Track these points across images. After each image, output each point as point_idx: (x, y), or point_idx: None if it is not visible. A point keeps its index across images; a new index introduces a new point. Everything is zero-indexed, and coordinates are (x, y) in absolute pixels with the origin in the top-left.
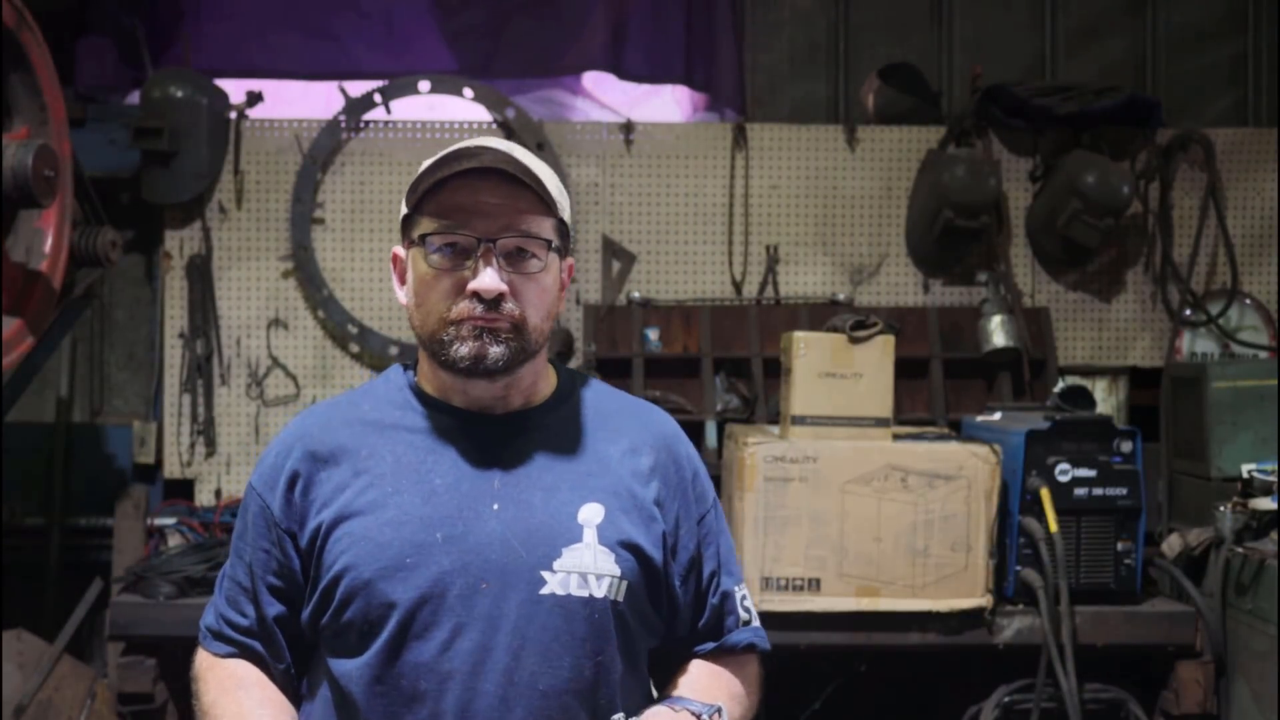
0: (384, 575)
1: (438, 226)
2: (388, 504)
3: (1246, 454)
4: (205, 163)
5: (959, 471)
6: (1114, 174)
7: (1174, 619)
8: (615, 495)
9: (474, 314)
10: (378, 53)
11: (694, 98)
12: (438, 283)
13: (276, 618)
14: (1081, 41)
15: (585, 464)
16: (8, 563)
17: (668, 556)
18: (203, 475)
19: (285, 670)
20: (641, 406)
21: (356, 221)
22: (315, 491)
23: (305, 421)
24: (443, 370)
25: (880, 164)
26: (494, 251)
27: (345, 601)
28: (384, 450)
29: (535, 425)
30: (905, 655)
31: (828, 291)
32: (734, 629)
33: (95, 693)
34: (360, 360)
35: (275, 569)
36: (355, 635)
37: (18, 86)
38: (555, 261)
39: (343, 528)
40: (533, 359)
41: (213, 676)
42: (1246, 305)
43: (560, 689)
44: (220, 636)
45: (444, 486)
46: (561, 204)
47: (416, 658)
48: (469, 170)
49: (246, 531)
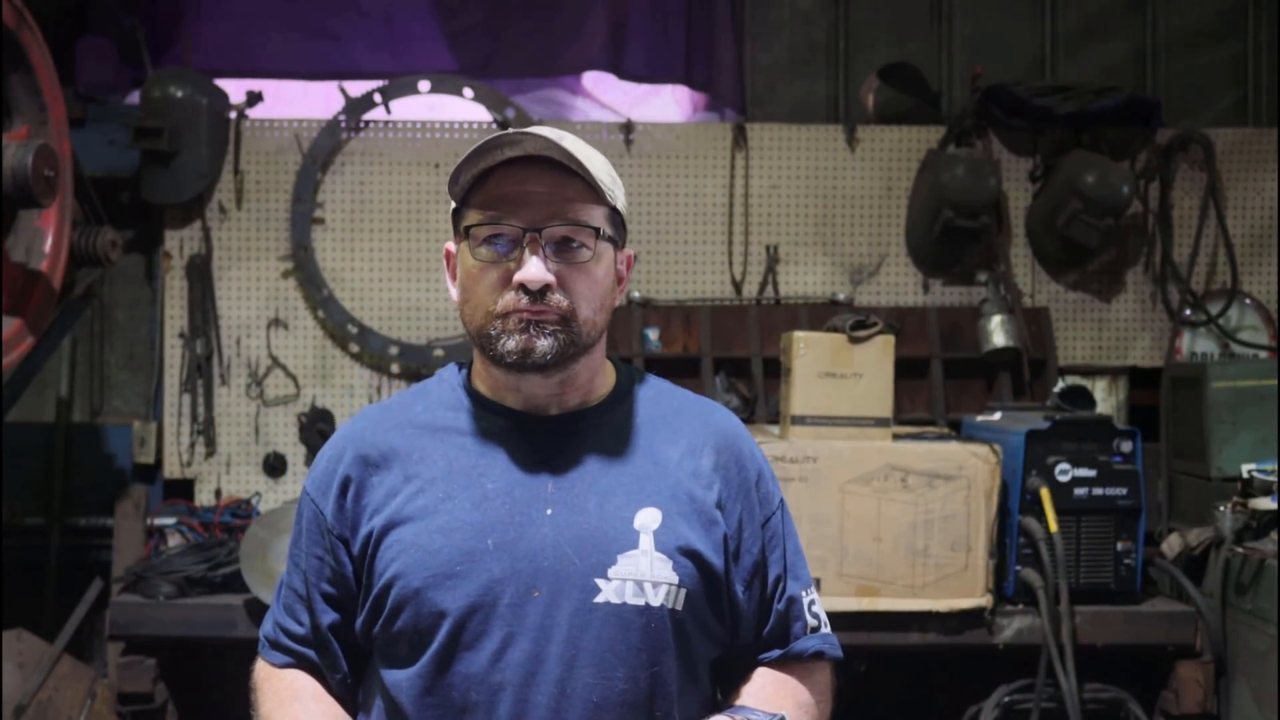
0: (434, 584)
1: (483, 218)
2: (439, 510)
3: (1246, 454)
4: (205, 163)
5: (959, 471)
6: (1114, 174)
7: (1174, 619)
8: (674, 499)
9: (519, 306)
10: (378, 53)
11: (694, 98)
12: (484, 276)
13: (331, 626)
14: (1081, 41)
15: (642, 466)
16: (8, 563)
17: (729, 561)
18: (203, 475)
19: (341, 680)
20: (704, 405)
21: (356, 221)
22: (367, 497)
23: (357, 424)
24: (494, 367)
25: (880, 164)
26: (540, 241)
27: (396, 611)
28: (435, 454)
29: (591, 425)
30: (905, 655)
31: (828, 291)
32: (801, 635)
33: (95, 693)
34: (360, 360)
35: (329, 576)
36: (406, 645)
37: (18, 86)
38: (608, 251)
39: (393, 534)
40: (587, 354)
41: (269, 688)
42: (1246, 305)
43: (615, 701)
44: (277, 646)
45: (496, 491)
46: (613, 191)
47: (467, 669)
48: (515, 159)
49: (301, 538)
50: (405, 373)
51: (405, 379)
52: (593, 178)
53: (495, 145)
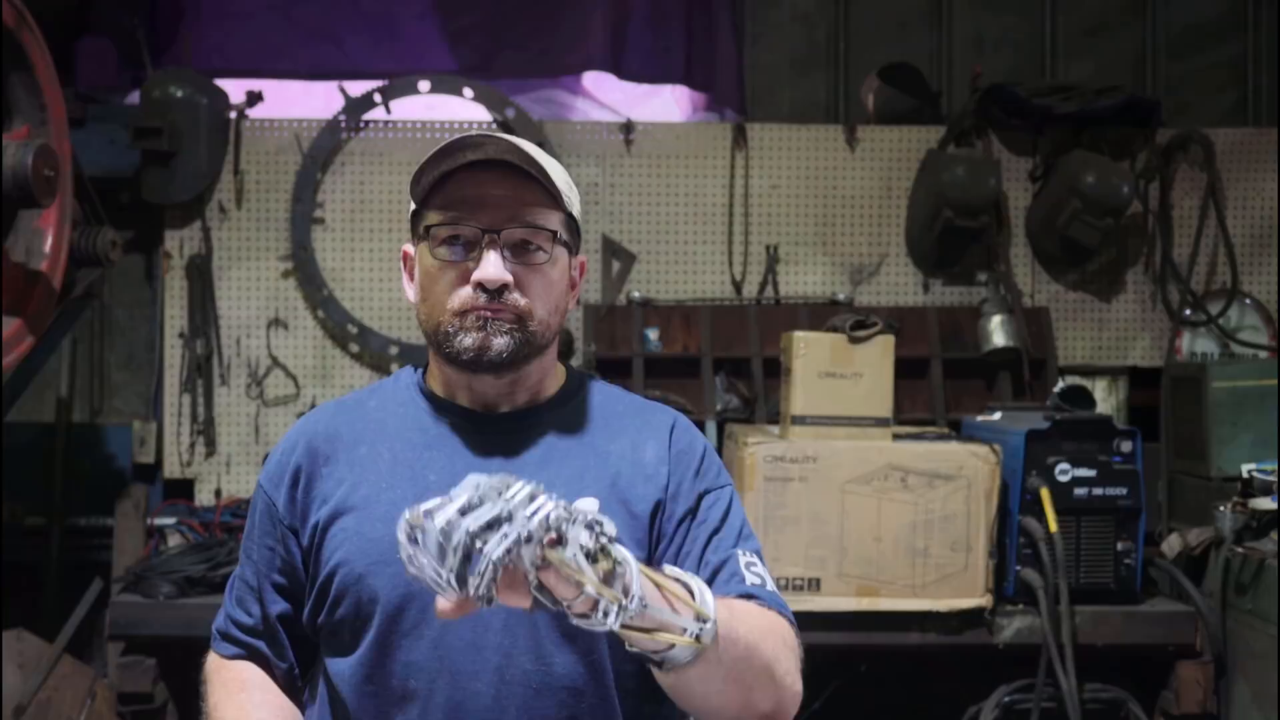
0: (373, 571)
1: (442, 219)
2: (380, 499)
3: (1246, 454)
4: (205, 163)
5: (959, 471)
6: (1114, 174)
7: (1174, 619)
8: (613, 489)
9: (477, 304)
10: (378, 53)
11: (694, 98)
12: (442, 275)
13: (280, 616)
14: (1081, 41)
15: (584, 459)
16: (8, 563)
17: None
18: (203, 475)
19: (288, 671)
20: (648, 405)
21: (356, 221)
22: (316, 488)
23: (311, 419)
24: (448, 365)
25: (880, 164)
26: (498, 242)
27: (339, 598)
28: (382, 447)
29: (536, 423)
30: (905, 655)
31: (828, 291)
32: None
33: (95, 693)
34: (360, 360)
35: (280, 566)
36: (348, 632)
37: (18, 86)
38: (563, 255)
39: (338, 524)
40: (540, 355)
41: (219, 678)
42: (1246, 305)
43: (554, 686)
44: (227, 637)
45: (439, 483)
46: (570, 198)
47: (407, 656)
48: (474, 163)
49: (254, 530)
50: None
51: None
52: (552, 183)
53: (458, 148)
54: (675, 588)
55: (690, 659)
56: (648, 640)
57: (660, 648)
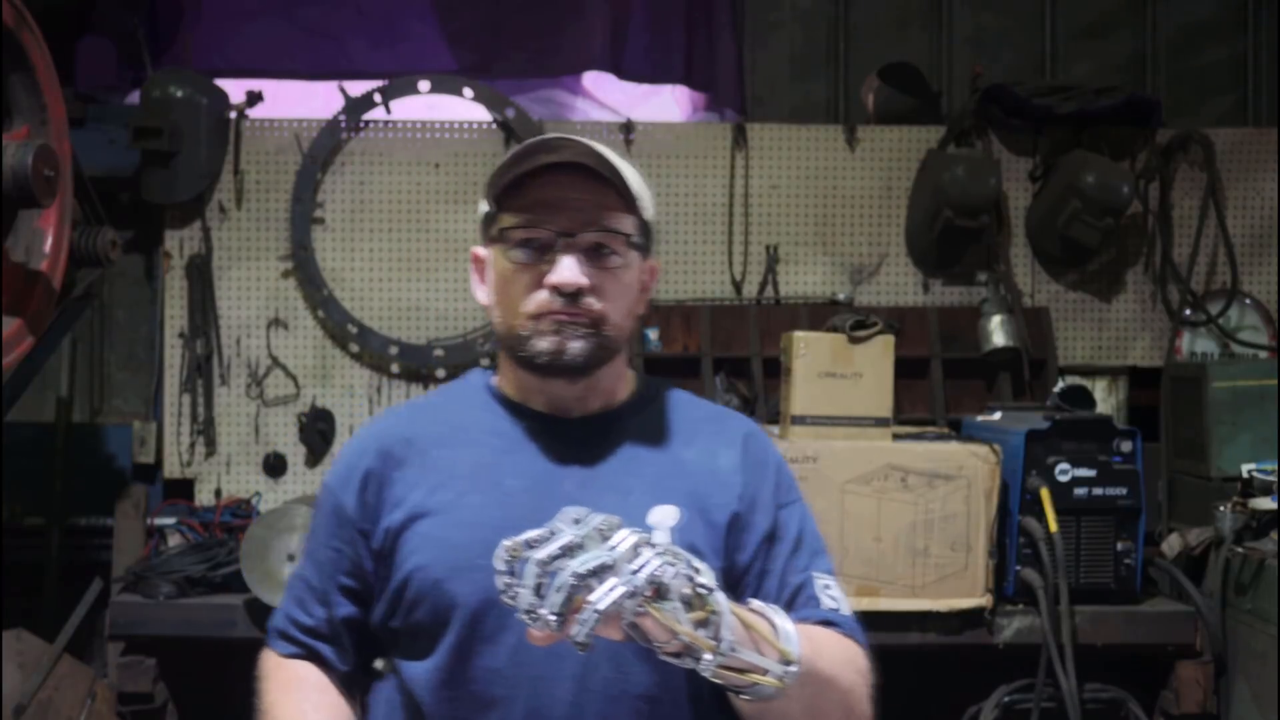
0: (453, 576)
1: (518, 221)
2: (460, 504)
3: (1246, 454)
4: (205, 163)
5: (959, 471)
6: (1114, 174)
7: (1174, 619)
8: (690, 496)
9: (553, 308)
10: (378, 53)
11: (694, 98)
12: (517, 278)
13: (346, 619)
14: (1081, 41)
15: (661, 466)
16: (8, 563)
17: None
18: (203, 475)
19: (349, 674)
20: (723, 413)
21: (356, 221)
22: (389, 491)
23: (382, 422)
24: (522, 369)
25: (880, 164)
26: (574, 246)
27: (415, 602)
28: (459, 451)
29: (613, 428)
30: (905, 655)
31: (828, 291)
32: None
33: (95, 693)
34: (360, 360)
35: (347, 569)
36: (425, 637)
37: (18, 86)
38: (636, 259)
39: (414, 527)
40: (612, 359)
41: (276, 677)
42: (1246, 305)
43: (632, 695)
44: (285, 636)
45: (517, 488)
46: (644, 202)
47: (487, 663)
48: (551, 165)
49: (319, 531)
50: (405, 373)
51: (405, 379)
52: (627, 187)
53: (535, 151)
54: (763, 627)
55: (772, 695)
56: (733, 678)
57: (745, 685)
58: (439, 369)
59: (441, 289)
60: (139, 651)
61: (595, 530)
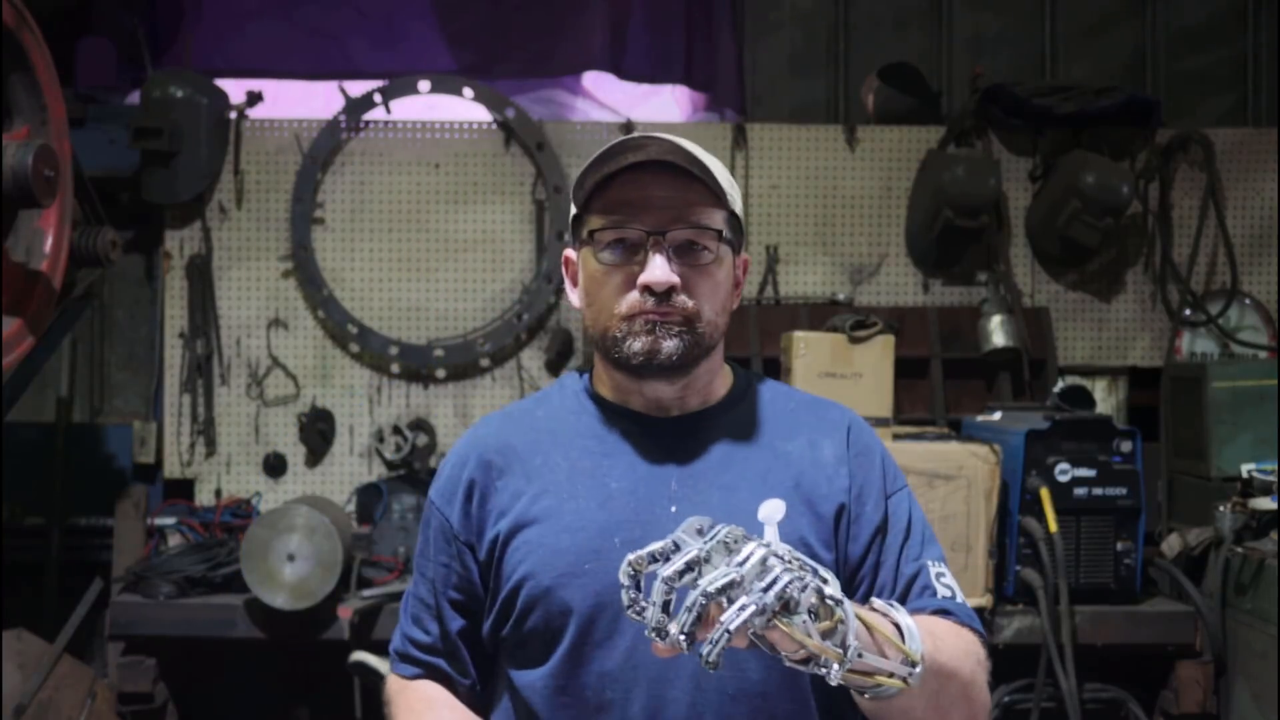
0: (563, 582)
1: (606, 222)
2: (564, 510)
3: (1246, 454)
4: (205, 163)
5: (959, 471)
6: (1114, 174)
7: (1174, 619)
8: (796, 489)
9: (645, 308)
10: (378, 53)
11: (694, 98)
12: (608, 279)
13: (460, 632)
14: (1081, 41)
15: (764, 460)
16: (8, 563)
17: (842, 549)
18: (203, 475)
19: (471, 686)
20: (820, 401)
21: (356, 221)
22: (492, 501)
23: (480, 431)
24: (617, 371)
25: (880, 164)
26: (664, 244)
27: (526, 610)
28: (558, 456)
29: (711, 424)
30: None
31: (828, 291)
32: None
33: (95, 693)
34: (360, 360)
35: (456, 583)
36: (538, 645)
37: (18, 86)
38: (728, 254)
39: (520, 536)
40: (708, 356)
41: (402, 700)
42: (1246, 305)
43: (749, 692)
44: (406, 658)
45: (620, 490)
46: (732, 196)
47: (601, 666)
48: (636, 164)
49: (428, 547)
50: (405, 373)
51: (405, 379)
52: (715, 181)
53: (620, 150)
54: (887, 629)
55: (895, 694)
56: (860, 681)
57: (869, 686)
58: (439, 369)
59: (441, 289)
60: (139, 651)
61: (720, 543)
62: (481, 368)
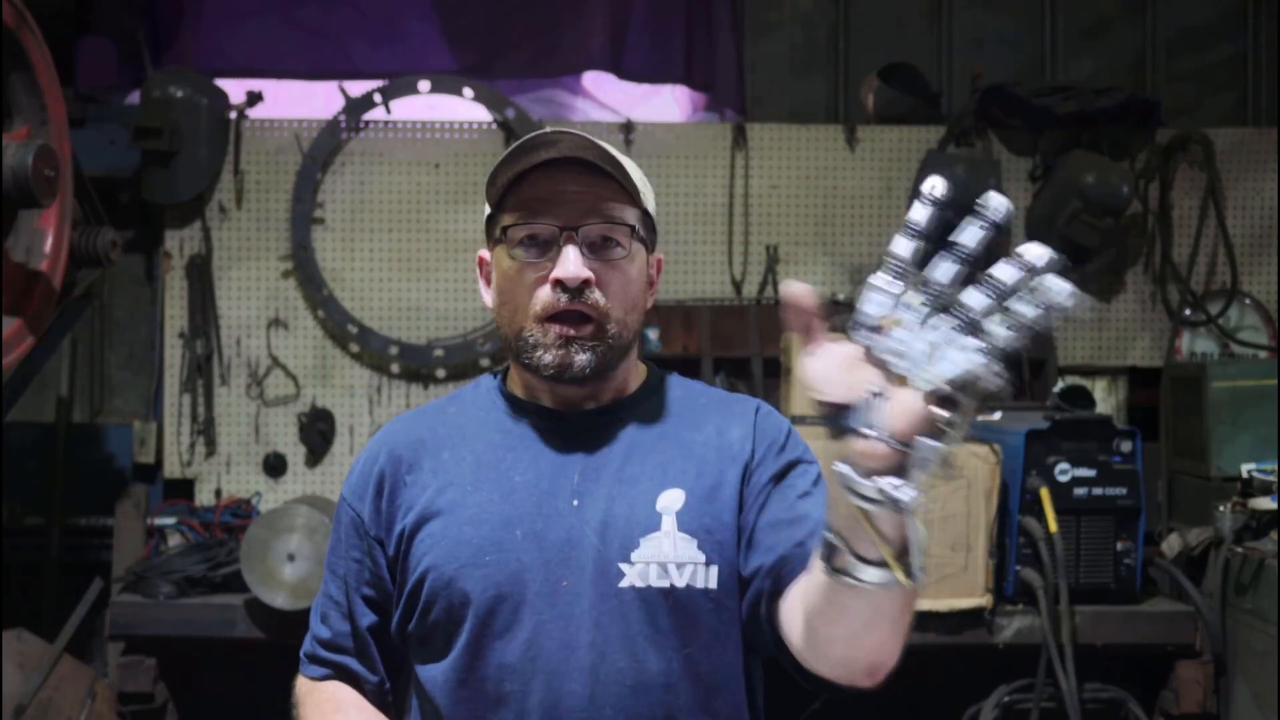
0: (463, 573)
1: (518, 219)
2: (468, 502)
3: (1246, 454)
4: (205, 163)
5: (959, 471)
6: (1114, 174)
7: (1174, 619)
8: (699, 478)
9: (559, 305)
10: (378, 53)
11: (694, 98)
12: (521, 276)
13: (370, 628)
14: (1081, 41)
15: (668, 452)
16: (8, 563)
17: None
18: (203, 475)
19: (379, 684)
20: (732, 396)
21: (356, 221)
22: (400, 496)
23: (392, 428)
24: (527, 372)
25: (880, 164)
26: (577, 239)
27: (430, 603)
28: (465, 450)
29: (618, 419)
30: (905, 655)
31: (828, 291)
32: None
33: (95, 693)
34: (360, 360)
35: (368, 579)
36: (440, 637)
37: (18, 86)
38: (640, 251)
39: (426, 529)
40: (623, 359)
41: (310, 701)
42: (1246, 305)
43: (648, 684)
44: (314, 659)
45: (524, 483)
46: (645, 193)
47: (500, 658)
48: (549, 161)
49: (339, 544)
50: (405, 373)
51: (405, 379)
52: (628, 178)
53: (531, 147)
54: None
55: (884, 585)
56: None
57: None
58: (439, 369)
59: (441, 289)
60: (139, 651)
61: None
62: (481, 368)
